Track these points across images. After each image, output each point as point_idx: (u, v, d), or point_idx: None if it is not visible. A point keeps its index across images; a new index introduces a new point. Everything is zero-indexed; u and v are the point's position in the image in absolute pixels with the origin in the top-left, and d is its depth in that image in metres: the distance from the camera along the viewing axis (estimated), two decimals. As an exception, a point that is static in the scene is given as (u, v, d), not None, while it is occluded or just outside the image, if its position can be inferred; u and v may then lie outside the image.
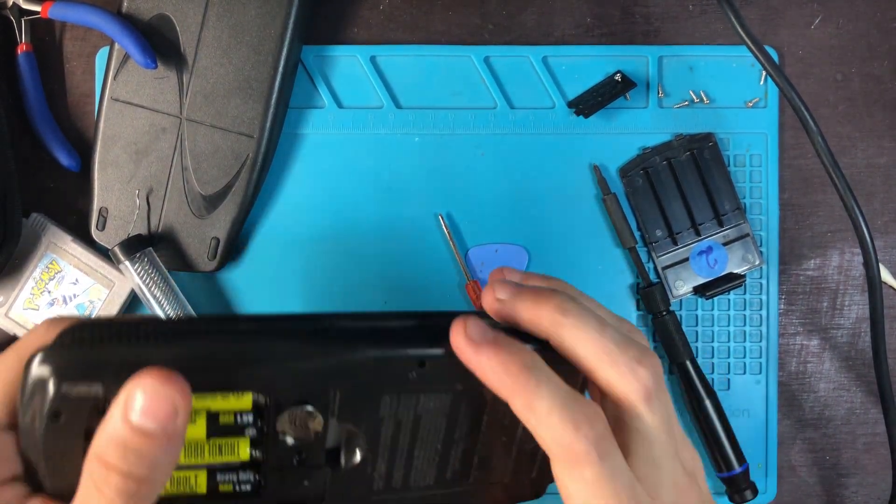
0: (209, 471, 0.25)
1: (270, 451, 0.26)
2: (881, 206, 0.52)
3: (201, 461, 0.25)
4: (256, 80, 0.47)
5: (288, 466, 0.26)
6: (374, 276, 0.50)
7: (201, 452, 0.25)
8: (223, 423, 0.25)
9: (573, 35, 0.51)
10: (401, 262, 0.50)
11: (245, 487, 0.25)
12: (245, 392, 0.25)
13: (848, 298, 0.52)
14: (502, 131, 0.50)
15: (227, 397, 0.25)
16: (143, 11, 0.47)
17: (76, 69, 0.50)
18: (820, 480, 0.52)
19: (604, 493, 0.24)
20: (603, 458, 0.24)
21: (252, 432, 0.25)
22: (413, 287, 0.50)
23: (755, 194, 0.51)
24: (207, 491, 0.25)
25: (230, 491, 0.25)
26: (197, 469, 0.25)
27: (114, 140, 0.48)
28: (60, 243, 0.49)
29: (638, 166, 0.50)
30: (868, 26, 0.52)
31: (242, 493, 0.25)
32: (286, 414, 0.25)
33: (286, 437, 0.26)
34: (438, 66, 0.50)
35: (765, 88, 0.51)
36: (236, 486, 0.25)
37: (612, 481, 0.25)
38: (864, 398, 0.52)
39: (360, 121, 0.50)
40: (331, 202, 0.50)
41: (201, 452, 0.25)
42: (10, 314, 0.49)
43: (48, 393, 0.23)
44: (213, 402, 0.24)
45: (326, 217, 0.50)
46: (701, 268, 0.50)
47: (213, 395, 0.24)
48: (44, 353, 0.23)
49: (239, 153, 0.48)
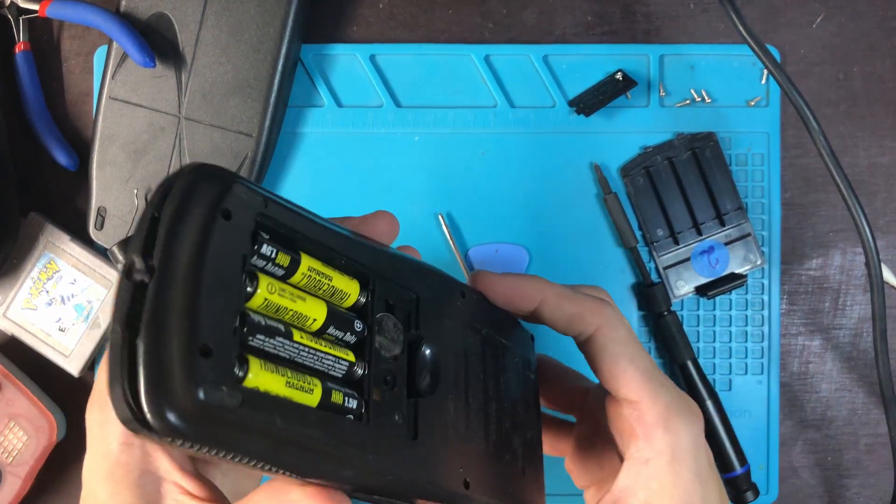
0: (322, 382, 0.24)
1: (371, 356, 0.25)
2: (883, 206, 0.52)
3: (316, 346, 0.23)
4: (255, 79, 0.47)
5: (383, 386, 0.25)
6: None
7: (318, 340, 0.23)
8: (338, 309, 0.25)
9: (574, 34, 0.51)
10: (400, 261, 0.50)
11: (351, 403, 0.24)
12: (354, 280, 0.25)
13: (850, 298, 0.52)
14: (503, 130, 0.50)
15: (344, 276, 0.25)
16: (142, 10, 0.47)
17: (74, 68, 0.50)
18: (822, 481, 0.52)
19: None
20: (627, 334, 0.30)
21: (360, 326, 0.25)
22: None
23: (757, 194, 0.50)
24: (321, 401, 0.23)
25: (340, 403, 0.24)
26: (313, 377, 0.23)
27: (112, 139, 0.48)
28: (58, 243, 0.48)
29: (639, 165, 0.50)
30: (870, 25, 0.51)
31: (348, 408, 0.24)
32: (382, 321, 0.26)
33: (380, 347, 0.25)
34: (438, 65, 0.50)
35: (766, 87, 0.50)
36: (346, 398, 0.24)
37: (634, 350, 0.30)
38: (866, 399, 0.52)
39: (359, 120, 0.50)
40: (330, 201, 0.50)
41: (318, 340, 0.23)
42: (8, 314, 0.48)
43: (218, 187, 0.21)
44: (336, 275, 0.24)
45: (326, 216, 0.50)
46: (702, 267, 0.50)
47: (335, 269, 0.25)
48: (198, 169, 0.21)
49: (238, 152, 0.48)
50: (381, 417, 0.24)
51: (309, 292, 0.24)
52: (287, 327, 0.22)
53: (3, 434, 0.47)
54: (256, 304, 0.22)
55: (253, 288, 0.21)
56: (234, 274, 0.21)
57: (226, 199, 0.21)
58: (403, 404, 0.26)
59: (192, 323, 0.19)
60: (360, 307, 0.25)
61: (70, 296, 0.48)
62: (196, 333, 0.19)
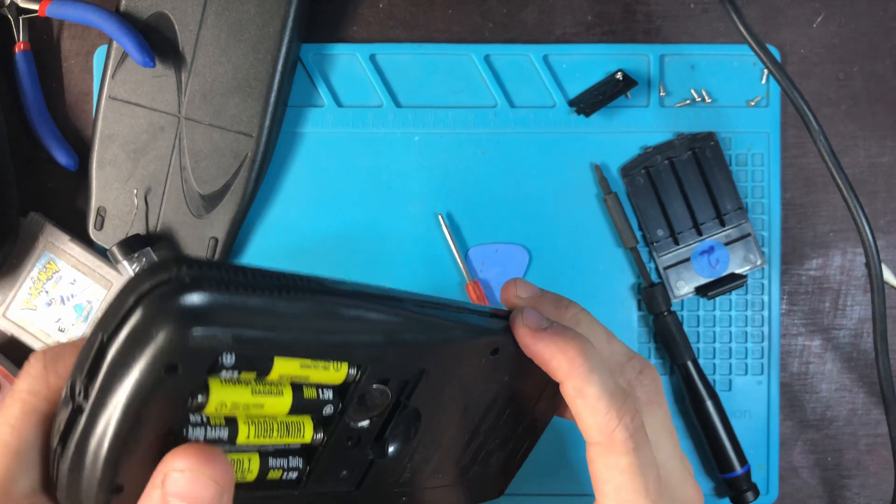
0: (261, 454, 0.23)
1: (333, 433, 0.24)
2: (883, 206, 0.51)
3: (267, 440, 0.22)
4: (255, 79, 0.47)
5: (340, 451, 0.25)
6: (374, 275, 0.50)
7: (270, 431, 0.22)
8: (307, 398, 0.23)
9: (574, 33, 0.51)
10: (401, 262, 0.50)
11: (291, 475, 0.23)
12: (343, 364, 0.23)
13: (850, 298, 0.52)
14: (503, 130, 0.50)
15: (328, 368, 0.23)
16: (142, 10, 0.47)
17: (74, 68, 0.50)
18: (822, 481, 0.52)
19: (634, 482, 0.26)
20: (638, 448, 0.26)
21: (329, 410, 0.23)
22: (413, 287, 0.50)
23: (757, 194, 0.50)
24: (257, 478, 0.22)
25: (277, 479, 0.23)
26: (251, 452, 0.22)
27: (112, 139, 0.48)
28: (58, 243, 0.48)
29: (639, 165, 0.50)
30: (870, 25, 0.51)
31: (286, 481, 0.23)
32: (365, 392, 0.24)
33: (350, 419, 0.24)
34: (438, 65, 0.50)
35: (766, 87, 0.50)
36: (284, 473, 0.23)
37: (643, 472, 0.26)
38: (867, 399, 0.52)
39: (359, 119, 0.50)
40: (330, 201, 0.50)
41: (270, 431, 0.22)
42: (8, 314, 0.48)
43: (170, 337, 0.18)
44: (314, 371, 0.22)
45: (325, 216, 0.50)
46: (702, 268, 0.50)
47: (315, 364, 0.22)
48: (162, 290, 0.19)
49: (238, 152, 0.47)
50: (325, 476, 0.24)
51: (274, 394, 0.22)
52: (233, 430, 0.22)
53: (3, 434, 0.47)
54: (209, 410, 0.21)
55: (204, 398, 0.20)
56: (166, 420, 0.20)
57: (176, 353, 0.19)
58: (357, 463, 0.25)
59: (109, 467, 0.19)
60: (347, 383, 0.24)
61: (70, 296, 0.48)
62: (112, 474, 0.19)
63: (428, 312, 0.25)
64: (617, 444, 0.26)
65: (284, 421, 0.23)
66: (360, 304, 0.23)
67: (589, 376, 0.26)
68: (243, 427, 0.22)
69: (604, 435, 0.26)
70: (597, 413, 0.26)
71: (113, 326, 0.19)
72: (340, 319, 0.22)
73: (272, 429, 0.23)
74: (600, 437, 0.26)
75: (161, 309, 0.19)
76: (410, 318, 0.24)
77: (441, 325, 0.25)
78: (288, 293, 0.20)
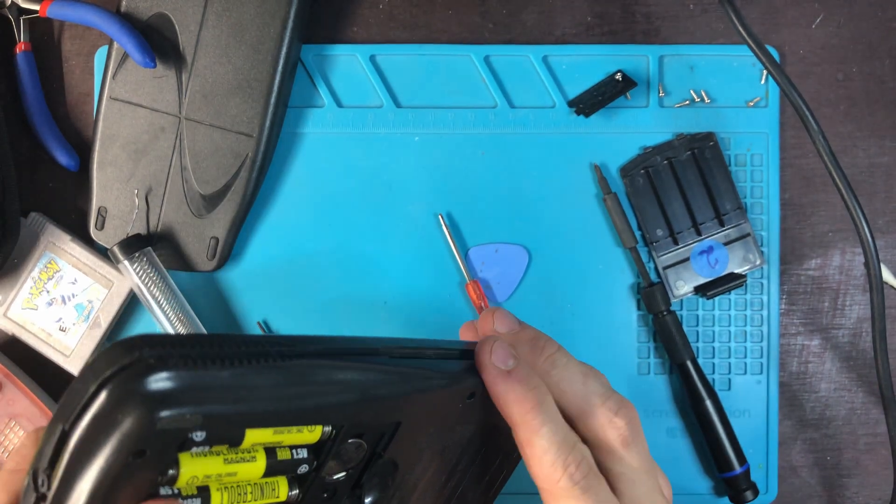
0: None
1: (309, 490, 0.24)
2: (882, 206, 0.52)
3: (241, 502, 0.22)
4: (256, 80, 0.47)
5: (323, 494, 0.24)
6: (374, 275, 0.50)
7: (244, 495, 0.22)
8: (280, 459, 0.22)
9: (574, 34, 0.51)
10: (401, 262, 0.50)
11: None
12: (317, 426, 0.23)
13: (849, 298, 0.52)
14: (502, 130, 0.50)
15: (302, 430, 0.22)
16: (142, 10, 0.47)
17: (75, 68, 0.50)
18: (821, 481, 0.52)
19: None
20: (588, 492, 0.27)
21: (304, 469, 0.23)
22: (413, 287, 0.50)
23: (756, 194, 0.50)
24: None
25: None
26: None
27: (113, 139, 0.48)
28: (59, 243, 0.48)
29: (638, 166, 0.50)
30: (869, 25, 0.51)
31: None
32: (341, 448, 0.24)
33: (326, 474, 0.24)
34: (438, 65, 0.50)
35: (766, 88, 0.51)
36: None
37: None
38: (866, 398, 0.52)
39: (359, 120, 0.50)
40: (330, 201, 0.50)
41: (244, 495, 0.22)
42: (9, 314, 0.48)
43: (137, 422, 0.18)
44: (288, 436, 0.22)
45: (326, 216, 0.50)
46: (702, 267, 0.50)
47: (289, 429, 0.22)
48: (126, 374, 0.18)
49: (238, 152, 0.48)
50: None
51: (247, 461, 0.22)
52: (206, 499, 0.21)
53: (4, 433, 0.47)
54: (180, 484, 0.20)
55: (175, 472, 0.20)
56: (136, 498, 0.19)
57: (143, 438, 0.18)
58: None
59: None
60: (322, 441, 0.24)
61: (71, 295, 0.48)
62: None
63: (403, 364, 0.24)
64: (563, 492, 0.27)
65: (259, 483, 0.23)
66: (332, 364, 0.22)
67: (539, 429, 0.27)
68: (216, 494, 0.21)
69: (549, 484, 0.27)
70: (542, 465, 0.27)
71: (76, 413, 0.19)
72: (312, 384, 0.22)
73: (245, 492, 0.22)
74: (546, 485, 0.28)
75: (126, 393, 0.18)
76: (385, 373, 0.24)
77: (416, 376, 0.25)
78: (257, 361, 0.20)
